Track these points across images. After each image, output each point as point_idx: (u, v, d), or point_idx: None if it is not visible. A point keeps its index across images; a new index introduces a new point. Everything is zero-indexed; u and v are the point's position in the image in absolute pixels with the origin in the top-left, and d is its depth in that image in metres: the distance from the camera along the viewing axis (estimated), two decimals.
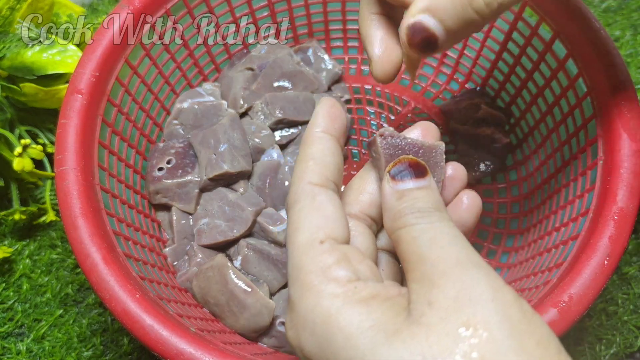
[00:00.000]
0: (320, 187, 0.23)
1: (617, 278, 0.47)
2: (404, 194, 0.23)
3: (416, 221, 0.22)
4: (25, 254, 0.49)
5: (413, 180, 0.23)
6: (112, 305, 0.32)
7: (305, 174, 0.24)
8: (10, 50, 0.47)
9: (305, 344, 0.21)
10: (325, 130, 0.25)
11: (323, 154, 0.24)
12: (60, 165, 0.36)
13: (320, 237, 0.22)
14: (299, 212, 0.23)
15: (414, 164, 0.24)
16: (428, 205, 0.22)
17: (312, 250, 0.22)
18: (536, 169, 0.47)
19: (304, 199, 0.23)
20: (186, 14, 0.46)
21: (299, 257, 0.22)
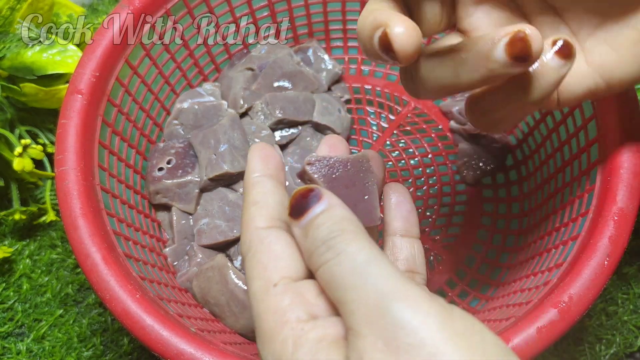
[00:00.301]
0: (267, 229, 0.23)
1: (617, 278, 0.47)
2: (307, 229, 0.22)
3: (325, 258, 0.21)
4: (25, 254, 0.49)
5: (310, 211, 0.22)
6: (112, 306, 0.32)
7: (251, 220, 0.24)
8: (11, 51, 0.47)
9: None
10: (262, 172, 0.25)
11: (264, 196, 0.24)
12: (60, 166, 0.36)
13: (273, 279, 0.22)
14: (251, 260, 0.23)
15: (304, 193, 0.22)
16: (329, 229, 0.21)
17: (267, 295, 0.22)
18: (536, 169, 0.47)
19: (254, 245, 0.23)
20: (186, 14, 0.46)
21: (257, 305, 0.22)
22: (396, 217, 0.29)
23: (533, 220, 0.45)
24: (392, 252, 0.29)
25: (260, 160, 0.26)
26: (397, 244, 0.29)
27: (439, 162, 0.52)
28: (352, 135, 0.53)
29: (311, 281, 0.22)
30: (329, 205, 0.22)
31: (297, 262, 0.23)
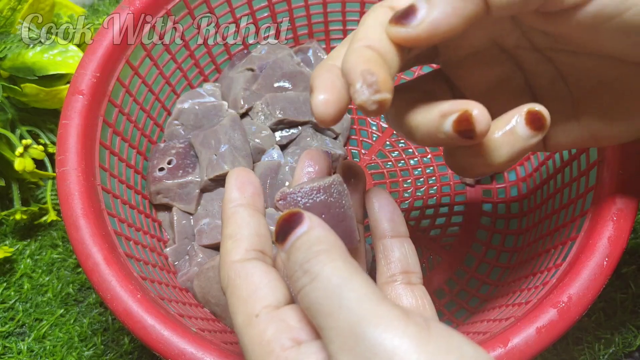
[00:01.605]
0: (243, 262, 0.24)
1: (616, 278, 0.47)
2: (289, 254, 0.22)
3: (301, 283, 0.21)
4: (26, 254, 0.50)
5: (293, 234, 0.22)
6: (113, 305, 0.32)
7: (227, 254, 0.24)
8: (11, 51, 0.48)
9: None
10: (238, 202, 0.25)
11: (239, 229, 0.25)
12: (61, 166, 0.36)
13: (255, 311, 0.22)
14: (231, 296, 0.23)
15: (286, 217, 0.22)
16: (305, 253, 0.21)
17: (250, 327, 0.22)
18: (535, 169, 0.47)
19: (231, 280, 0.23)
20: (187, 14, 0.46)
21: (242, 338, 0.22)
22: (382, 220, 0.29)
23: (532, 221, 0.46)
24: (384, 255, 0.29)
25: (237, 188, 0.26)
26: (387, 246, 0.29)
27: (439, 162, 0.52)
28: (352, 136, 0.53)
29: (293, 306, 0.23)
30: (308, 227, 0.22)
31: (277, 289, 0.23)
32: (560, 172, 0.42)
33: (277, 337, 0.21)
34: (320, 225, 0.22)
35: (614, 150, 0.35)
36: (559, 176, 0.42)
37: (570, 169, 0.40)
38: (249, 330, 0.22)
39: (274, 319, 0.22)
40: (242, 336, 0.22)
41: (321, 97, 0.23)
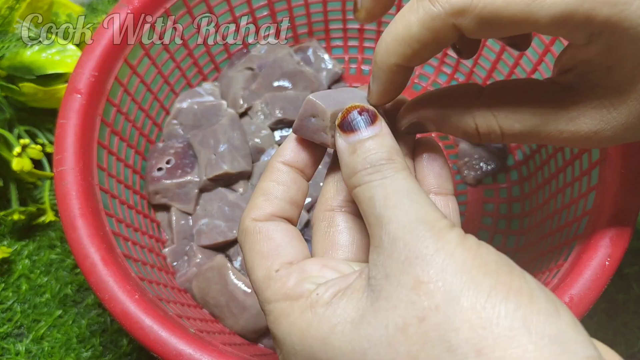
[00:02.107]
0: (266, 222, 0.23)
1: (618, 279, 0.47)
2: (355, 148, 0.22)
3: (370, 178, 0.21)
4: (24, 254, 0.49)
5: (363, 130, 0.22)
6: (111, 306, 0.32)
7: (252, 210, 0.24)
8: (10, 50, 0.47)
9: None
10: (289, 161, 0.25)
11: (275, 188, 0.24)
12: (59, 166, 0.36)
13: (274, 267, 0.22)
14: (249, 252, 0.23)
15: (363, 110, 0.23)
16: (379, 156, 0.22)
17: (271, 281, 0.22)
18: (537, 168, 0.47)
19: (251, 235, 0.23)
20: (186, 13, 0.46)
21: (263, 293, 0.22)
22: (429, 174, 0.27)
23: (534, 221, 0.45)
24: None
25: (293, 148, 0.25)
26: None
27: None
28: None
29: (311, 259, 0.23)
30: (381, 131, 0.22)
31: (297, 248, 0.23)
32: (562, 171, 0.42)
33: (301, 284, 0.21)
34: (391, 134, 0.22)
35: (616, 149, 0.34)
36: (561, 175, 0.42)
37: (572, 169, 0.40)
38: (270, 283, 0.22)
39: (295, 271, 0.22)
40: (263, 290, 0.22)
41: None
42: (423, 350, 0.18)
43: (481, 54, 0.50)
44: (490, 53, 0.49)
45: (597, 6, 0.19)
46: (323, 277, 0.22)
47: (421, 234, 0.19)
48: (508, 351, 0.17)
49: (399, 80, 0.24)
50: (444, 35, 0.21)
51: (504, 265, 0.19)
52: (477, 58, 0.51)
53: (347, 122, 0.22)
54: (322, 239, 0.24)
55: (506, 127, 0.24)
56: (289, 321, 0.21)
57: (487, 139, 0.25)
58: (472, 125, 0.24)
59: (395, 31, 0.22)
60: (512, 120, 0.24)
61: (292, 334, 0.21)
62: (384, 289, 0.19)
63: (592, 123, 0.23)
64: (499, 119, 0.24)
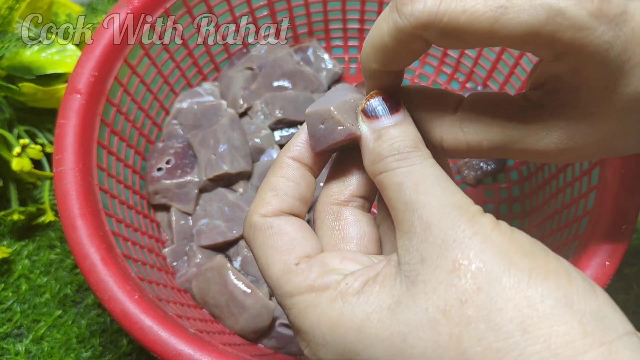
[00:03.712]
0: (274, 218, 0.23)
1: (617, 279, 0.47)
2: (381, 134, 0.22)
3: (397, 164, 0.21)
4: (24, 255, 0.49)
5: (388, 117, 0.22)
6: (111, 306, 0.32)
7: (260, 206, 0.23)
8: (9, 50, 0.47)
9: (325, 357, 0.21)
10: (298, 157, 0.24)
11: (284, 184, 0.24)
12: (59, 166, 0.36)
13: (293, 261, 0.22)
14: (262, 247, 0.23)
15: (387, 98, 0.23)
16: (406, 144, 0.22)
17: (291, 275, 0.22)
18: (537, 169, 0.47)
19: (262, 232, 0.23)
20: (185, 13, 0.46)
21: (283, 287, 0.22)
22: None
23: (534, 221, 0.45)
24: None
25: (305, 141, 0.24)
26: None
27: None
28: None
29: (330, 252, 0.23)
30: (405, 119, 0.22)
31: (311, 242, 0.23)
32: (562, 171, 0.42)
33: (325, 276, 0.21)
34: (413, 123, 0.23)
35: None
36: (561, 175, 0.42)
37: (572, 168, 0.40)
38: (291, 277, 0.22)
39: (315, 264, 0.22)
40: (283, 285, 0.22)
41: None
42: (467, 331, 0.18)
43: (481, 54, 0.50)
44: (491, 53, 0.49)
45: (560, 29, 0.19)
46: (346, 269, 0.22)
47: (456, 218, 0.20)
48: (554, 328, 0.17)
49: (388, 82, 0.24)
50: (413, 45, 0.21)
51: (539, 249, 0.20)
52: (477, 58, 0.51)
53: (370, 107, 0.23)
54: (330, 233, 0.24)
55: (474, 144, 0.24)
56: (318, 312, 0.21)
57: (450, 153, 0.25)
58: (437, 138, 0.24)
59: (372, 39, 0.22)
60: (481, 136, 0.24)
61: (323, 324, 0.20)
62: (421, 273, 0.19)
63: (560, 141, 0.23)
64: (467, 134, 0.24)
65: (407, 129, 0.22)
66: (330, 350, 0.20)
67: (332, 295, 0.21)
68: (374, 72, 0.23)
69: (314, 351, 0.21)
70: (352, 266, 0.22)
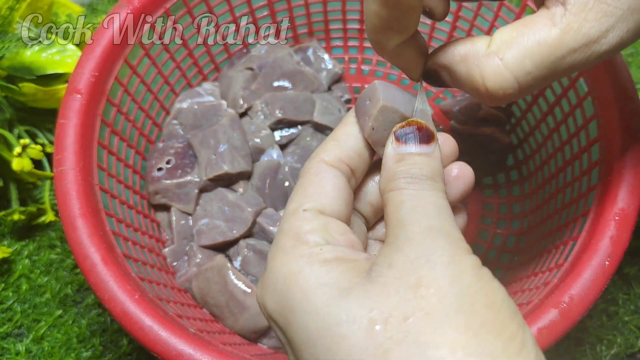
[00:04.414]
0: (328, 166, 0.24)
1: (617, 278, 0.47)
2: (403, 158, 0.23)
3: (406, 186, 0.22)
4: (24, 254, 0.49)
5: (416, 146, 0.23)
6: (111, 306, 0.32)
7: (322, 152, 0.25)
8: (10, 50, 0.47)
9: (268, 301, 0.22)
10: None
11: (347, 138, 0.25)
12: (59, 166, 0.36)
13: (305, 206, 0.23)
14: (299, 186, 0.24)
15: (422, 128, 0.23)
16: (423, 172, 0.22)
17: (294, 217, 0.23)
18: (537, 169, 0.47)
19: (309, 174, 0.24)
20: (186, 13, 0.46)
21: (283, 223, 0.23)
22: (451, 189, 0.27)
23: (534, 221, 0.45)
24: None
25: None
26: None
27: None
28: None
29: (339, 223, 0.23)
30: (433, 153, 0.23)
31: (338, 203, 0.24)
32: (562, 171, 0.42)
33: (314, 234, 0.22)
34: (440, 159, 0.23)
35: (616, 150, 0.34)
36: (561, 175, 0.42)
37: (572, 169, 0.40)
38: (292, 217, 0.23)
39: (319, 220, 0.23)
40: (284, 221, 0.23)
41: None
42: (397, 349, 0.18)
43: None
44: None
45: None
46: (337, 242, 0.22)
47: (440, 243, 0.20)
48: None
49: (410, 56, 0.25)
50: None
51: (509, 310, 0.19)
52: None
53: (404, 132, 0.23)
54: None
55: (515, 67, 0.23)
56: (283, 259, 0.22)
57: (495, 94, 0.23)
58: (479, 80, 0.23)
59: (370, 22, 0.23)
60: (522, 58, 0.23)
61: (280, 271, 0.21)
62: (383, 276, 0.20)
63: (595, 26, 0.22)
64: (507, 61, 0.23)
65: (430, 161, 0.23)
66: (274, 298, 0.21)
67: (303, 251, 0.21)
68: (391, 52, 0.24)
69: (262, 291, 0.22)
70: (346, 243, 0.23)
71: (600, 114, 0.37)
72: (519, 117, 0.49)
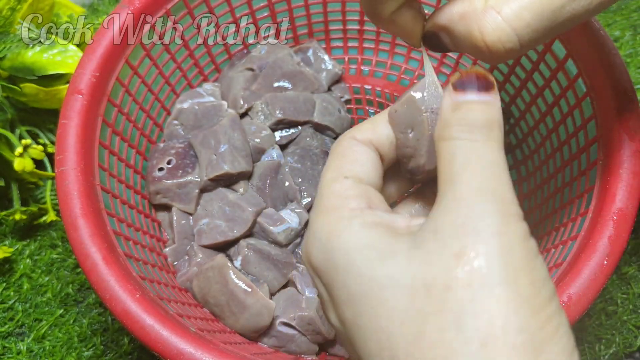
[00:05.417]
0: (360, 143, 0.24)
1: (616, 278, 0.47)
2: (460, 106, 0.21)
3: (459, 135, 0.21)
4: (25, 254, 0.49)
5: (475, 93, 0.22)
6: (112, 305, 0.32)
7: (355, 130, 0.25)
8: (11, 51, 0.47)
9: (312, 256, 0.22)
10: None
11: (383, 125, 0.25)
12: (60, 166, 0.36)
13: (345, 173, 0.23)
14: (334, 158, 0.24)
15: (482, 76, 0.22)
16: (479, 120, 0.21)
17: (336, 183, 0.23)
18: (536, 169, 0.47)
19: (342, 147, 0.24)
20: (186, 14, 0.46)
21: (322, 189, 0.23)
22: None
23: (533, 220, 0.45)
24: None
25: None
26: None
27: None
28: None
29: (378, 192, 0.24)
30: (492, 100, 0.22)
31: (374, 174, 0.24)
32: (560, 171, 0.42)
33: (357, 198, 0.22)
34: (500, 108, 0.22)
35: (615, 150, 0.35)
36: (560, 175, 0.42)
37: (571, 169, 0.40)
38: (333, 183, 0.23)
39: (360, 187, 0.23)
40: (324, 187, 0.23)
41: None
42: (435, 315, 0.18)
43: None
44: None
45: None
46: (379, 208, 0.22)
47: (489, 208, 0.19)
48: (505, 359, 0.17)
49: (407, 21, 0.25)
50: None
51: (549, 288, 0.19)
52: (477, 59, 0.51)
53: (462, 81, 0.22)
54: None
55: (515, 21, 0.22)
56: (326, 219, 0.22)
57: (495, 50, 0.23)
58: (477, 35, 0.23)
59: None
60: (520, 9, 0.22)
61: (324, 231, 0.22)
62: (427, 241, 0.19)
63: None
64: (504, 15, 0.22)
65: (489, 108, 0.21)
66: (319, 255, 0.22)
67: (344, 214, 0.22)
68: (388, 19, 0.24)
69: (307, 247, 0.23)
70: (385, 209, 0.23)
71: (598, 115, 0.37)
72: (517, 118, 0.49)
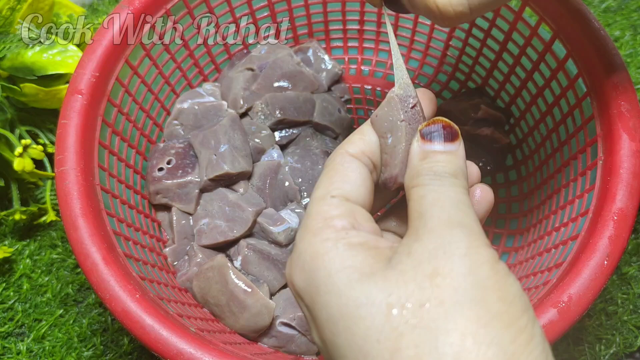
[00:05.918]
0: (353, 157, 0.25)
1: (616, 278, 0.47)
2: (427, 155, 0.23)
3: (428, 182, 0.23)
4: (25, 254, 0.49)
5: (441, 144, 0.24)
6: (112, 306, 0.32)
7: (347, 144, 0.25)
8: (11, 51, 0.47)
9: (296, 279, 0.23)
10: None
11: (371, 133, 0.26)
12: (60, 166, 0.36)
13: (332, 192, 0.24)
14: (325, 174, 0.25)
15: (447, 126, 0.24)
16: (446, 170, 0.23)
17: (322, 201, 0.24)
18: (536, 169, 0.47)
19: (334, 163, 0.25)
20: (186, 14, 0.46)
21: (310, 208, 0.24)
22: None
23: (533, 220, 0.45)
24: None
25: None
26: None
27: None
28: None
29: (365, 212, 0.24)
30: (457, 150, 0.24)
31: (362, 192, 0.24)
32: (560, 171, 0.42)
33: (341, 218, 0.23)
34: (464, 157, 0.24)
35: (615, 150, 0.35)
36: (560, 175, 0.42)
37: (571, 169, 0.40)
38: (319, 202, 0.24)
39: (345, 206, 0.24)
40: (311, 206, 0.24)
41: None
42: (410, 333, 0.19)
43: (481, 54, 0.50)
44: (490, 53, 0.49)
45: None
46: (362, 228, 0.23)
47: (458, 236, 0.20)
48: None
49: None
50: None
51: (522, 303, 0.20)
52: (477, 58, 0.51)
53: (429, 131, 0.24)
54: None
55: None
56: (311, 240, 0.22)
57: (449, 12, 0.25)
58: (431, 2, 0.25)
59: None
60: None
61: (308, 252, 0.22)
62: (402, 264, 0.20)
63: None
64: None
65: (454, 159, 0.23)
66: (303, 277, 0.22)
67: (329, 235, 0.22)
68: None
69: (291, 269, 0.23)
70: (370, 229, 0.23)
71: (598, 115, 0.37)
72: (517, 118, 0.49)
